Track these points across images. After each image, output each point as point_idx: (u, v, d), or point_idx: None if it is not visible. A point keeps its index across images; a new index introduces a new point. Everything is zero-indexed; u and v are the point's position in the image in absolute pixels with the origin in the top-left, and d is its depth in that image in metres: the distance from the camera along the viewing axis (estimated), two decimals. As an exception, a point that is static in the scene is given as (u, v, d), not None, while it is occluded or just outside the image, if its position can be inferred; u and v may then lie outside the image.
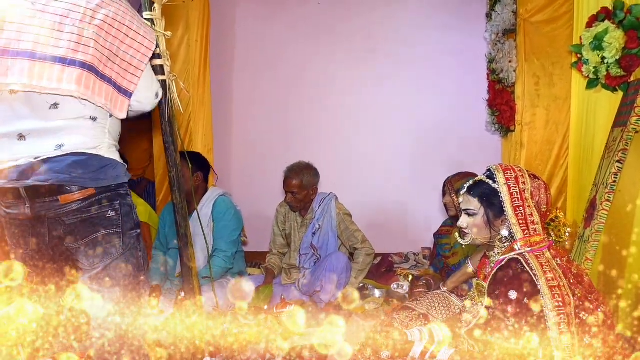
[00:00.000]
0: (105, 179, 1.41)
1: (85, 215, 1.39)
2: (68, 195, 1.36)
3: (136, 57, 1.41)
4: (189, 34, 3.50)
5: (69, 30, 1.30)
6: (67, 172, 1.35)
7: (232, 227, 2.81)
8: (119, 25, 1.38)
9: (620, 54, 2.22)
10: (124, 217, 1.44)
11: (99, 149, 1.41)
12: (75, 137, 1.37)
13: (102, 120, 1.42)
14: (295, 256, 3.01)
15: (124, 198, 1.46)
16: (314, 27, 4.02)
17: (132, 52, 1.40)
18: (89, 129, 1.39)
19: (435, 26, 3.92)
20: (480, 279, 1.67)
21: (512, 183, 1.59)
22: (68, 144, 1.36)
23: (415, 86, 3.97)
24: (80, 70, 1.29)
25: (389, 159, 4.05)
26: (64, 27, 1.31)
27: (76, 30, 1.31)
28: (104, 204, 1.41)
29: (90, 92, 1.31)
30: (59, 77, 1.28)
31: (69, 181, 1.35)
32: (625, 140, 2.16)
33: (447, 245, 2.76)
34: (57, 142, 1.35)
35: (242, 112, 4.17)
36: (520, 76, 3.31)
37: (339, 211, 2.95)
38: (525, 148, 3.36)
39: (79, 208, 1.38)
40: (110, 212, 1.42)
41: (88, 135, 1.39)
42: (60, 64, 1.28)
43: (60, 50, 1.29)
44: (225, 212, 2.82)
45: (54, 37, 1.29)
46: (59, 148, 1.35)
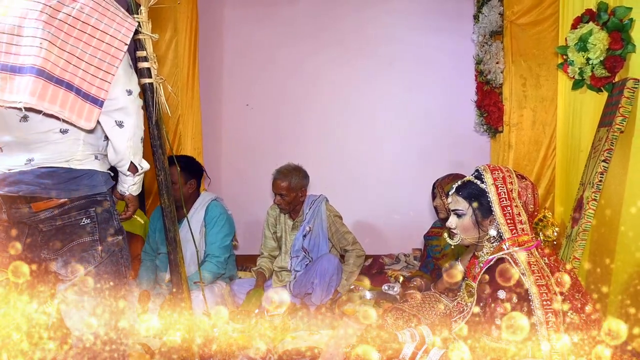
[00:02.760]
0: (77, 190, 1.38)
1: (59, 223, 1.38)
2: (40, 203, 1.35)
3: (105, 59, 1.26)
4: (177, 36, 3.48)
5: (27, 33, 1.19)
6: (36, 184, 1.34)
7: (225, 233, 2.79)
8: (82, 25, 1.24)
9: (604, 55, 2.25)
10: (101, 224, 1.42)
11: (70, 162, 1.38)
12: (45, 151, 1.35)
13: (74, 132, 1.35)
14: (287, 259, 3.00)
15: (101, 204, 1.43)
16: (303, 29, 4.03)
17: (100, 55, 1.25)
18: (58, 142, 1.35)
19: (423, 27, 3.94)
20: (469, 279, 1.67)
21: (500, 183, 1.60)
22: (37, 159, 1.35)
23: (404, 88, 3.99)
24: (33, 77, 1.16)
25: (379, 160, 4.07)
26: (22, 30, 1.19)
27: (31, 31, 1.18)
28: (78, 212, 1.39)
29: (46, 103, 1.18)
30: (17, 89, 1.16)
31: (37, 192, 1.34)
32: (611, 140, 2.19)
33: (437, 247, 2.77)
34: (28, 157, 1.35)
35: (231, 115, 4.16)
36: (508, 77, 3.35)
37: (330, 213, 2.95)
38: (513, 149, 3.40)
39: (53, 216, 1.37)
40: (84, 219, 1.39)
41: (57, 150, 1.36)
42: (18, 74, 1.17)
43: (19, 57, 1.18)
44: (218, 218, 2.80)
45: (13, 43, 1.18)
46: (29, 162, 1.35)
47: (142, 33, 1.53)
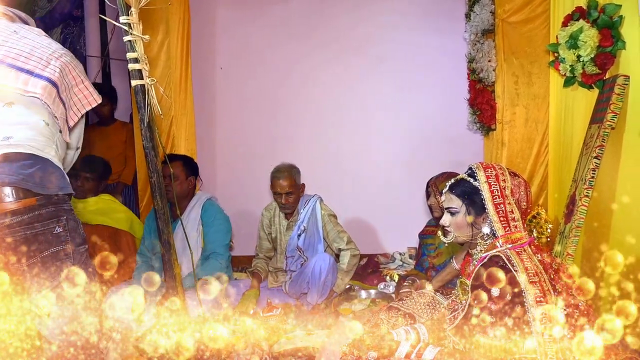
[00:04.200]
0: (50, 187, 1.37)
1: (29, 232, 1.32)
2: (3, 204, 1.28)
3: (82, 101, 1.52)
4: (169, 38, 3.46)
5: (35, 60, 1.40)
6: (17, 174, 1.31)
7: (225, 231, 2.81)
8: (73, 70, 1.49)
9: (595, 52, 2.27)
10: (71, 232, 1.40)
11: (47, 153, 1.39)
12: (25, 132, 1.36)
13: (52, 129, 1.45)
14: (282, 259, 3.00)
15: (69, 213, 1.42)
16: (295, 29, 4.02)
17: (80, 96, 1.52)
18: (41, 129, 1.40)
19: (416, 27, 3.95)
20: (463, 276, 1.68)
21: (493, 181, 1.61)
22: (16, 137, 1.34)
23: (397, 87, 4.00)
24: (45, 82, 1.38)
25: (373, 160, 4.07)
26: (31, 56, 1.40)
27: (44, 62, 1.41)
28: (50, 220, 1.35)
29: (51, 102, 1.40)
30: (25, 81, 1.36)
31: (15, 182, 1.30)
32: (602, 137, 2.20)
33: (432, 245, 2.78)
34: (5, 134, 1.34)
35: (225, 116, 4.15)
36: (500, 75, 3.37)
37: (324, 212, 2.95)
38: (506, 146, 3.41)
39: (21, 222, 1.30)
40: (57, 228, 1.36)
41: (38, 136, 1.38)
42: (26, 74, 1.37)
43: (28, 66, 1.38)
44: (216, 216, 2.81)
45: (23, 56, 1.39)
46: (6, 139, 1.33)
47: (133, 34, 1.52)
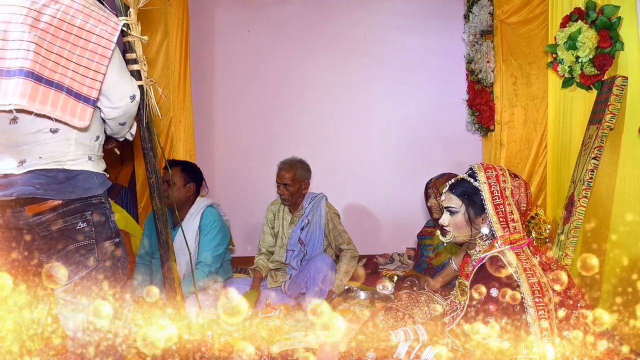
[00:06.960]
0: (72, 191, 1.36)
1: (55, 227, 1.36)
2: (34, 206, 1.33)
3: (93, 59, 1.27)
4: (168, 39, 3.46)
5: (13, 37, 1.20)
6: (31, 185, 1.32)
7: (217, 242, 2.74)
8: (68, 26, 1.25)
9: (593, 53, 2.27)
10: (97, 227, 1.41)
11: (63, 163, 1.36)
12: (36, 152, 1.33)
13: (65, 131, 1.34)
14: (282, 252, 3.01)
15: (97, 207, 1.42)
16: (294, 30, 4.03)
17: (88, 55, 1.27)
18: (48, 142, 1.33)
19: (414, 28, 3.95)
20: (462, 277, 1.68)
21: (493, 181, 1.61)
22: (29, 160, 1.33)
23: (396, 88, 4.00)
24: (22, 79, 1.18)
25: (372, 161, 4.07)
26: (8, 34, 1.21)
27: (17, 35, 1.19)
28: (74, 216, 1.37)
29: (37, 104, 1.19)
30: (6, 92, 1.18)
31: (32, 193, 1.31)
32: (600, 138, 2.20)
33: (431, 246, 2.78)
34: (19, 159, 1.32)
35: (224, 116, 4.15)
36: (499, 76, 3.37)
37: (329, 210, 3.00)
38: (505, 147, 3.42)
39: (48, 219, 1.35)
40: (80, 223, 1.38)
41: (48, 150, 1.34)
42: (5, 77, 1.19)
43: (6, 61, 1.19)
44: (212, 225, 2.76)
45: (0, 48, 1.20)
46: (21, 165, 1.32)
47: (132, 35, 1.51)
